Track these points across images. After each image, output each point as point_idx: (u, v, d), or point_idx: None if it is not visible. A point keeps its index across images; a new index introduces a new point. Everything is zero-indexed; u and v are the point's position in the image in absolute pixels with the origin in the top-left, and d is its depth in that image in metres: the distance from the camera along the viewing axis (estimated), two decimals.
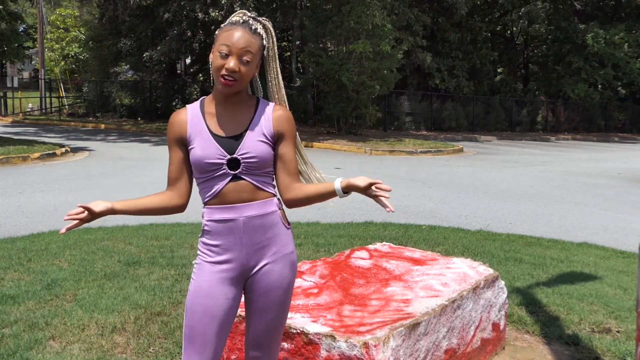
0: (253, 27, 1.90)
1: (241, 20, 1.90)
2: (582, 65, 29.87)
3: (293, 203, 2.02)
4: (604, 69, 29.86)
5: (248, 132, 1.93)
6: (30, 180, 9.94)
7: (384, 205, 1.92)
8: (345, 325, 2.51)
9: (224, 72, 1.85)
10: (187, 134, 1.93)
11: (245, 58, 1.86)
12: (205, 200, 1.95)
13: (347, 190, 1.97)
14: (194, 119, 1.94)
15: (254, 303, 2.01)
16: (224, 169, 1.90)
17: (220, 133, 1.92)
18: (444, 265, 3.41)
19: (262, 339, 2.04)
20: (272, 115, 1.98)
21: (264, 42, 1.94)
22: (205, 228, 1.95)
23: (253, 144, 1.91)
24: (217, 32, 1.93)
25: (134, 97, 27.73)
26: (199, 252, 1.99)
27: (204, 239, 1.97)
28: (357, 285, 3.07)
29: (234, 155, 1.89)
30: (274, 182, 2.02)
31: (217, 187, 1.91)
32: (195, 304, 1.93)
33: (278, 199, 2.02)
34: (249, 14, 1.94)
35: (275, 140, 1.98)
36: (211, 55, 1.91)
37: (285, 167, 2.00)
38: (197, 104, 1.99)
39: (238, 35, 1.86)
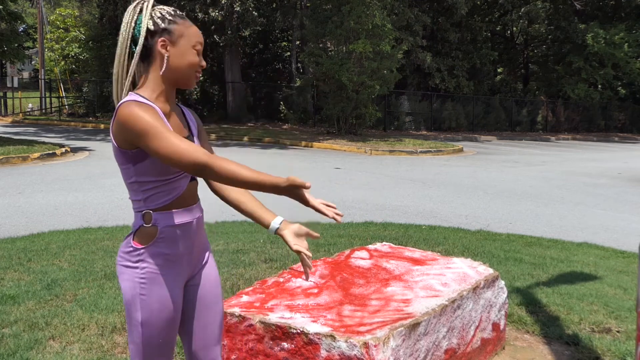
0: None
1: (184, 15, 1.86)
2: (582, 65, 29.88)
3: (221, 194, 2.02)
4: (604, 69, 29.86)
5: (193, 132, 1.92)
6: (30, 180, 9.94)
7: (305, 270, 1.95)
8: (345, 325, 2.51)
9: (197, 69, 1.83)
10: None
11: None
12: (162, 204, 1.80)
13: (279, 230, 1.96)
14: (162, 116, 1.78)
15: (204, 298, 1.96)
16: None
17: (180, 133, 1.84)
18: (444, 265, 3.41)
19: (218, 332, 2.01)
20: (193, 116, 1.99)
21: None
22: (162, 235, 1.80)
23: (198, 144, 1.91)
24: (171, 25, 1.79)
25: None
26: (150, 264, 1.80)
27: (156, 249, 1.80)
28: (357, 285, 3.07)
29: None
30: None
31: (179, 189, 1.83)
32: (159, 319, 1.81)
33: None
34: (170, 9, 1.86)
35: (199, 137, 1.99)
36: (173, 50, 1.79)
37: None
38: (145, 100, 1.78)
39: (199, 32, 1.86)
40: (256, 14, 22.38)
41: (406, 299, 2.86)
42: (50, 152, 13.25)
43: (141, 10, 1.80)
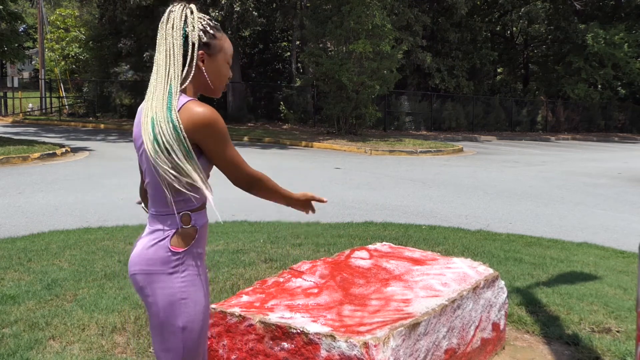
0: None
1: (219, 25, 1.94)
2: (582, 65, 29.88)
3: None
4: (604, 69, 29.87)
5: None
6: (30, 180, 9.94)
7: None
8: (345, 325, 2.52)
9: (227, 81, 1.94)
10: None
11: None
12: (197, 205, 1.84)
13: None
14: None
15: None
16: None
17: None
18: (444, 265, 3.41)
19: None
20: None
21: None
22: (198, 236, 1.84)
23: None
24: (212, 39, 1.86)
25: (134, 97, 27.74)
26: (191, 266, 1.82)
27: (194, 250, 1.83)
28: (357, 285, 3.07)
29: None
30: None
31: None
32: (199, 321, 1.83)
33: None
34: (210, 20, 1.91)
35: None
36: (209, 63, 1.86)
37: None
38: None
39: (231, 44, 1.94)
40: (256, 14, 22.38)
41: (406, 299, 2.86)
42: (51, 152, 13.25)
43: (186, 19, 1.83)
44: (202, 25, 1.85)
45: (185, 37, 1.81)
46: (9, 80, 27.96)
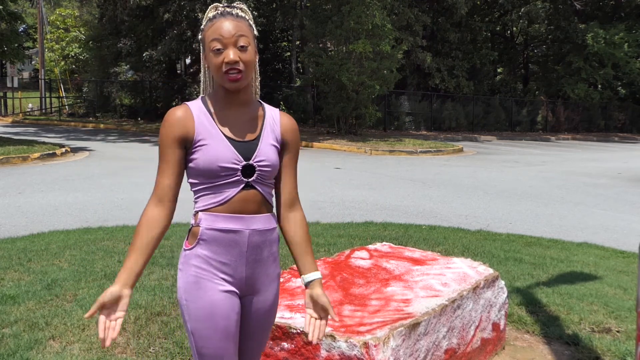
0: (234, 13, 1.74)
1: (219, 12, 1.74)
2: (582, 65, 29.89)
3: (282, 226, 1.91)
4: (604, 69, 29.88)
5: (262, 137, 1.81)
6: (30, 180, 9.94)
7: (308, 330, 1.85)
8: (345, 325, 2.51)
9: (225, 67, 1.71)
10: (194, 134, 1.74)
11: (241, 43, 1.72)
12: (208, 207, 1.77)
13: (307, 286, 1.86)
14: (202, 119, 1.76)
15: (249, 322, 1.89)
16: (237, 175, 1.75)
17: (234, 136, 1.76)
18: (444, 265, 3.41)
19: (251, 356, 1.95)
20: (280, 121, 1.87)
21: (251, 23, 1.78)
22: (203, 237, 1.76)
23: (267, 151, 1.79)
24: (199, 36, 1.79)
25: (134, 97, 27.76)
26: (193, 266, 1.77)
27: (199, 251, 1.77)
28: (357, 285, 3.07)
29: (249, 162, 1.76)
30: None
31: (228, 193, 1.75)
32: (211, 328, 1.74)
33: (274, 214, 1.89)
34: (221, 6, 1.75)
35: (281, 148, 1.87)
36: (204, 61, 1.80)
37: (290, 180, 1.90)
38: (199, 102, 1.80)
39: (225, 24, 1.71)
40: (256, 13, 22.37)
41: (406, 299, 2.86)
42: (51, 152, 13.25)
43: None
44: (202, 24, 1.79)
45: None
46: (9, 80, 27.96)
